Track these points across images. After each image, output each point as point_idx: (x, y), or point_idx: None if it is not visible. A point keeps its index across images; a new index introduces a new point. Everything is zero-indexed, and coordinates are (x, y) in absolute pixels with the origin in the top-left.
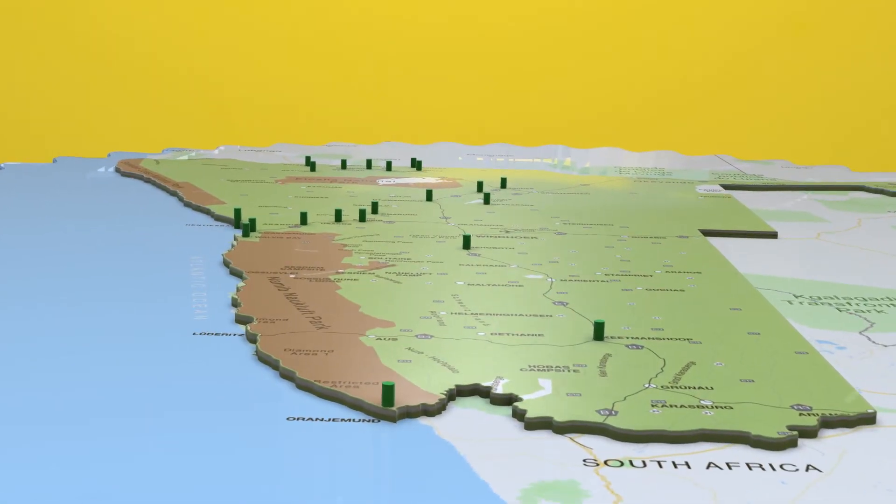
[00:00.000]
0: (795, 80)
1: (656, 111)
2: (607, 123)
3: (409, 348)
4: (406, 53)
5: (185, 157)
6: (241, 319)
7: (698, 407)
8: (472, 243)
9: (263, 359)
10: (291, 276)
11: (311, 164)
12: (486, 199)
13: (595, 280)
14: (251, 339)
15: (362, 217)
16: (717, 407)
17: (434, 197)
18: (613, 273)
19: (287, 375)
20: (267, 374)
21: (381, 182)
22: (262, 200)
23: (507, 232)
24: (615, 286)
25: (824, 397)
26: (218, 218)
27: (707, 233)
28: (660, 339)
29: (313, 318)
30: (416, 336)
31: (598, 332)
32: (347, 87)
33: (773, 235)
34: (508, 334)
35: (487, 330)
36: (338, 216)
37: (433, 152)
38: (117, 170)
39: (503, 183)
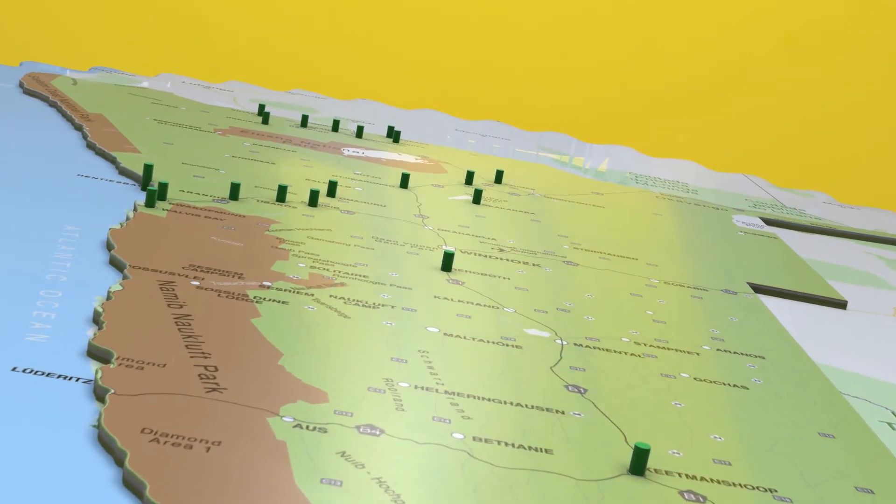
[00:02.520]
0: (841, 105)
1: (677, 112)
2: (619, 116)
3: (343, 454)
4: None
5: (113, 82)
6: (94, 352)
7: None
8: (455, 264)
9: (104, 441)
10: (194, 283)
11: (264, 114)
12: (477, 198)
13: (622, 351)
14: (98, 395)
15: (313, 200)
16: None
17: (410, 183)
18: (646, 342)
19: (131, 485)
20: (103, 473)
21: (346, 152)
22: (189, 155)
23: (502, 251)
24: (651, 366)
25: None
26: (123, 172)
27: (757, 288)
28: (727, 483)
29: (206, 368)
30: (358, 429)
31: (639, 463)
32: (325, 26)
33: (842, 305)
34: (500, 443)
35: (468, 431)
36: (281, 194)
37: (415, 121)
38: (21, 85)
39: (498, 177)
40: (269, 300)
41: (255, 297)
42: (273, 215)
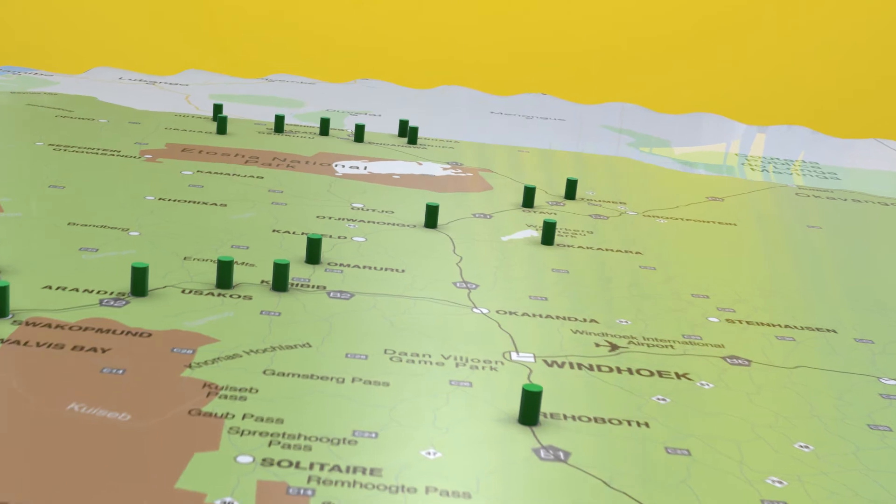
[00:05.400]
0: None
1: (762, 63)
2: (691, 72)
3: None
4: None
5: (12, 89)
6: None
7: None
8: (545, 401)
9: None
10: None
11: (220, 118)
12: (548, 234)
13: None
14: None
15: (280, 279)
16: None
17: (442, 214)
18: None
19: None
20: None
21: (339, 169)
22: (85, 207)
23: (615, 350)
24: None
25: None
26: None
27: None
28: None
29: None
30: None
31: None
32: None
33: None
34: None
35: None
36: (224, 276)
37: (435, 105)
38: None
39: (570, 189)
40: None
41: None
42: (202, 324)
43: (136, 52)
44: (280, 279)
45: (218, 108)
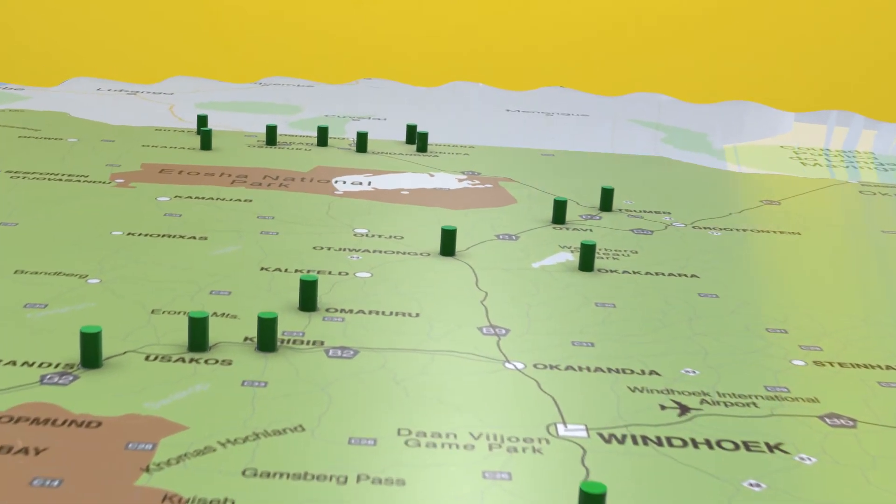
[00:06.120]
0: None
1: (800, 45)
2: (715, 56)
3: None
4: None
5: None
6: None
7: None
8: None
9: None
10: None
11: (203, 132)
12: (586, 259)
13: None
14: None
15: (267, 339)
16: None
17: (461, 238)
18: None
19: None
20: None
21: (339, 186)
22: (41, 249)
23: (685, 412)
24: None
25: None
26: None
27: None
28: None
29: None
30: None
31: None
32: None
33: None
34: None
35: None
36: (197, 338)
37: (445, 105)
38: None
39: (606, 200)
40: None
41: None
42: (167, 404)
43: (117, 60)
44: (266, 337)
45: (202, 121)
